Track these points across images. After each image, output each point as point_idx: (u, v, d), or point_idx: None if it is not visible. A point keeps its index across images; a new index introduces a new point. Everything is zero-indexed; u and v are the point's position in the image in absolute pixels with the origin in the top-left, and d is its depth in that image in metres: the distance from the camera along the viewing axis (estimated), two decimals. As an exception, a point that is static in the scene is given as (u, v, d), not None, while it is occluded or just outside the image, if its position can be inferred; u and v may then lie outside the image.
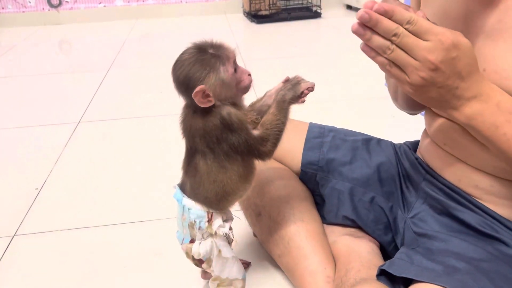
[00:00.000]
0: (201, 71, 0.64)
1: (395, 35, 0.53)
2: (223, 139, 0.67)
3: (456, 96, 0.56)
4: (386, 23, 0.53)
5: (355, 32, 0.55)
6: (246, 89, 0.70)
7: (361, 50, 0.57)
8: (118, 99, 1.96)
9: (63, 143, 1.53)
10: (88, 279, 0.93)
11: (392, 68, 0.56)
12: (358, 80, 2.01)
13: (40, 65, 2.52)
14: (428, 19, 0.55)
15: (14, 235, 1.08)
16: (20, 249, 1.03)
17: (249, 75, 0.70)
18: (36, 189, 1.26)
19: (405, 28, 0.53)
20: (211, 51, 0.66)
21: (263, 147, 0.69)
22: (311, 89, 0.72)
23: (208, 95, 0.65)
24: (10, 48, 2.86)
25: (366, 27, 0.55)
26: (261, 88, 0.82)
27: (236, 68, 0.68)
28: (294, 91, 0.71)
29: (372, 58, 0.57)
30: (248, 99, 0.75)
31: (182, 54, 0.67)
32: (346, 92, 1.91)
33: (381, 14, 0.53)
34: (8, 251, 1.02)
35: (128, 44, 2.84)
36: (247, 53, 2.51)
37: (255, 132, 0.69)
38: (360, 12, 0.54)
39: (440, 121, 0.73)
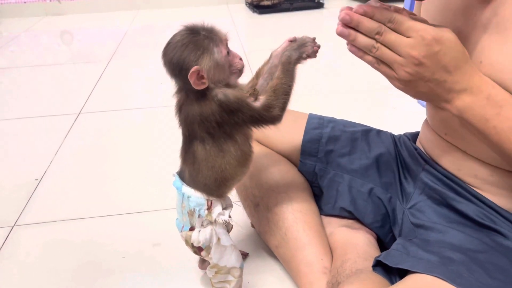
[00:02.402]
0: (195, 52, 0.64)
1: (378, 33, 0.56)
2: (225, 121, 0.67)
3: (446, 89, 0.57)
4: (368, 22, 0.56)
5: (339, 34, 0.58)
6: (239, 72, 0.69)
7: (349, 51, 0.60)
8: (119, 90, 1.96)
9: (64, 134, 1.53)
10: (87, 270, 0.94)
11: (380, 65, 0.59)
12: (359, 71, 1.99)
13: (41, 56, 2.51)
14: (416, 18, 0.57)
15: (14, 225, 1.08)
16: (19, 239, 1.04)
17: (240, 59, 0.69)
18: (36, 179, 1.27)
19: (387, 27, 0.56)
20: (203, 33, 0.65)
21: (269, 113, 0.68)
22: (317, 50, 0.71)
23: (202, 77, 0.64)
24: (11, 39, 2.85)
25: (349, 28, 0.57)
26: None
27: (228, 51, 0.68)
28: (300, 52, 0.69)
29: (361, 57, 0.60)
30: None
31: (174, 36, 0.66)
32: (347, 83, 1.90)
33: (361, 15, 0.56)
34: (8, 241, 1.03)
35: (130, 35, 2.83)
36: (249, 44, 2.49)
37: (258, 104, 0.68)
38: (341, 14, 0.57)
39: (441, 110, 0.73)
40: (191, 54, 0.64)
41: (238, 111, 0.66)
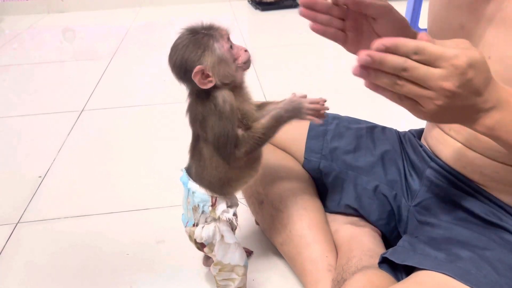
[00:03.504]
0: (195, 51, 0.64)
1: (404, 69, 0.48)
2: (211, 127, 0.66)
3: (474, 111, 0.52)
4: (392, 60, 0.48)
5: (357, 76, 0.50)
6: (246, 65, 0.68)
7: (366, 87, 0.52)
8: (121, 87, 1.95)
9: (67, 131, 1.53)
10: (90, 267, 0.94)
11: (403, 100, 0.52)
12: (363, 68, 1.98)
13: (44, 53, 2.51)
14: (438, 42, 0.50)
15: (18, 222, 1.08)
16: (23, 236, 1.04)
17: (246, 51, 0.68)
18: (40, 177, 1.27)
19: (413, 59, 0.48)
20: (202, 31, 0.65)
21: (236, 149, 0.67)
22: (323, 114, 0.69)
23: (208, 75, 0.64)
24: (14, 36, 2.85)
25: (368, 68, 0.49)
26: (266, 76, 0.81)
27: (231, 45, 0.67)
28: (289, 117, 0.68)
29: (380, 93, 0.52)
30: (250, 86, 0.73)
31: (176, 40, 0.66)
32: (351, 79, 1.89)
33: (383, 51, 0.48)
34: (11, 238, 1.03)
35: (132, 32, 2.83)
36: (252, 41, 2.48)
37: (239, 132, 0.67)
38: (361, 56, 0.48)
39: None
40: (192, 54, 0.64)
41: (224, 120, 0.65)
